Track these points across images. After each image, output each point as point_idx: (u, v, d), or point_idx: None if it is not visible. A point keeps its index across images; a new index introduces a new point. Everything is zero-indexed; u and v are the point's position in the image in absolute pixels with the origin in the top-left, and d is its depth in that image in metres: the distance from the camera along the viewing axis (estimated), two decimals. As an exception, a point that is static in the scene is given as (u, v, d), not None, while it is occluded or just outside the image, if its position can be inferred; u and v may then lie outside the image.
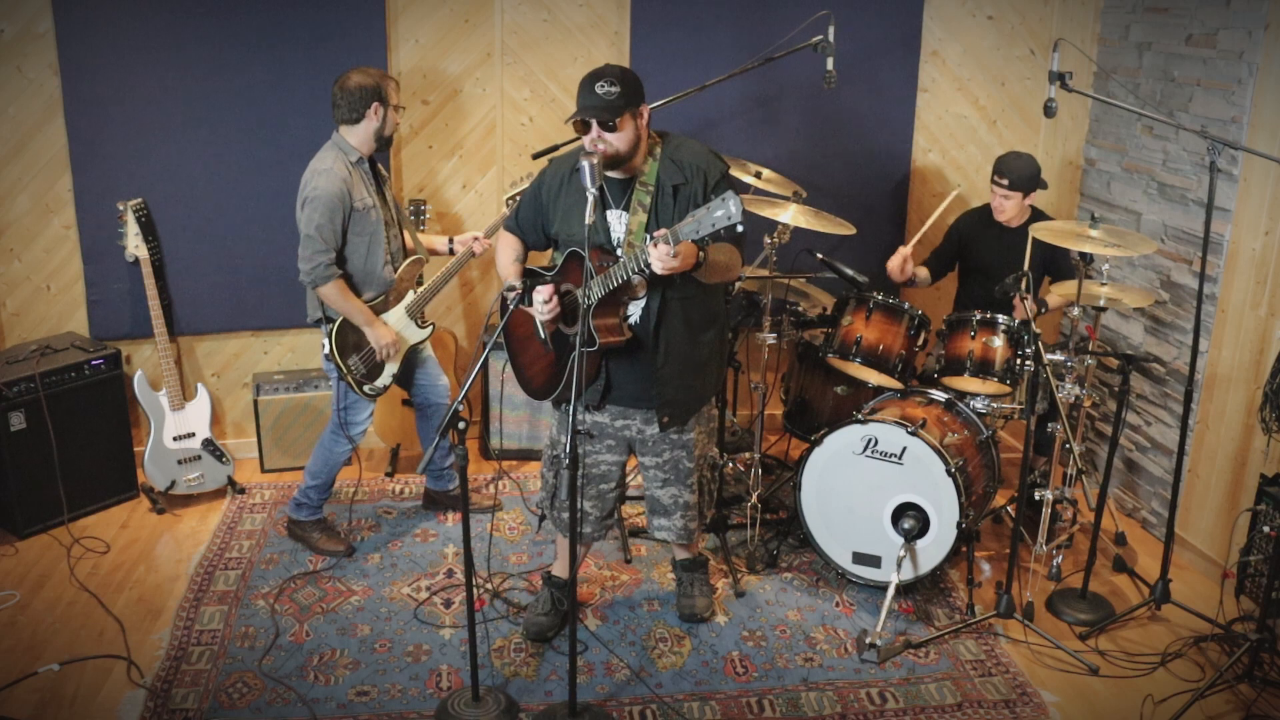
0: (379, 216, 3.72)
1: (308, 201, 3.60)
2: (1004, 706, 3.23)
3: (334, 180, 3.58)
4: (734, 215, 2.67)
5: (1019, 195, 4.05)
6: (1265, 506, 3.56)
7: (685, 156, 3.08)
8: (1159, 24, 4.21)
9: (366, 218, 3.68)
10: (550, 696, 3.22)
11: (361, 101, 3.63)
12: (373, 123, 3.67)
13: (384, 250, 3.74)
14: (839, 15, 3.97)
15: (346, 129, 3.68)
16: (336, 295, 3.65)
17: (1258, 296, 3.74)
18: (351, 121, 3.66)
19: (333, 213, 3.58)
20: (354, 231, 3.66)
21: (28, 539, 4.02)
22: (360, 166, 3.70)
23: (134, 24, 4.09)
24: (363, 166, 3.71)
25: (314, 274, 3.61)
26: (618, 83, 2.93)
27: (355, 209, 3.64)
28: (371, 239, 3.70)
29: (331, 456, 3.92)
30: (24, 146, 4.14)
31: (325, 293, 3.65)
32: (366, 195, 3.69)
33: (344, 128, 3.68)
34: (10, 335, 4.33)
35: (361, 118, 3.65)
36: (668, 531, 3.43)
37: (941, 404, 3.92)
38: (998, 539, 4.20)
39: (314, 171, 3.63)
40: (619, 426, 3.28)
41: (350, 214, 3.63)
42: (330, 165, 3.62)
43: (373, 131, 3.68)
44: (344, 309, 3.68)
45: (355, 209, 3.64)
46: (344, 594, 3.72)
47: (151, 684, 3.21)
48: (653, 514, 3.44)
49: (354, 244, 3.68)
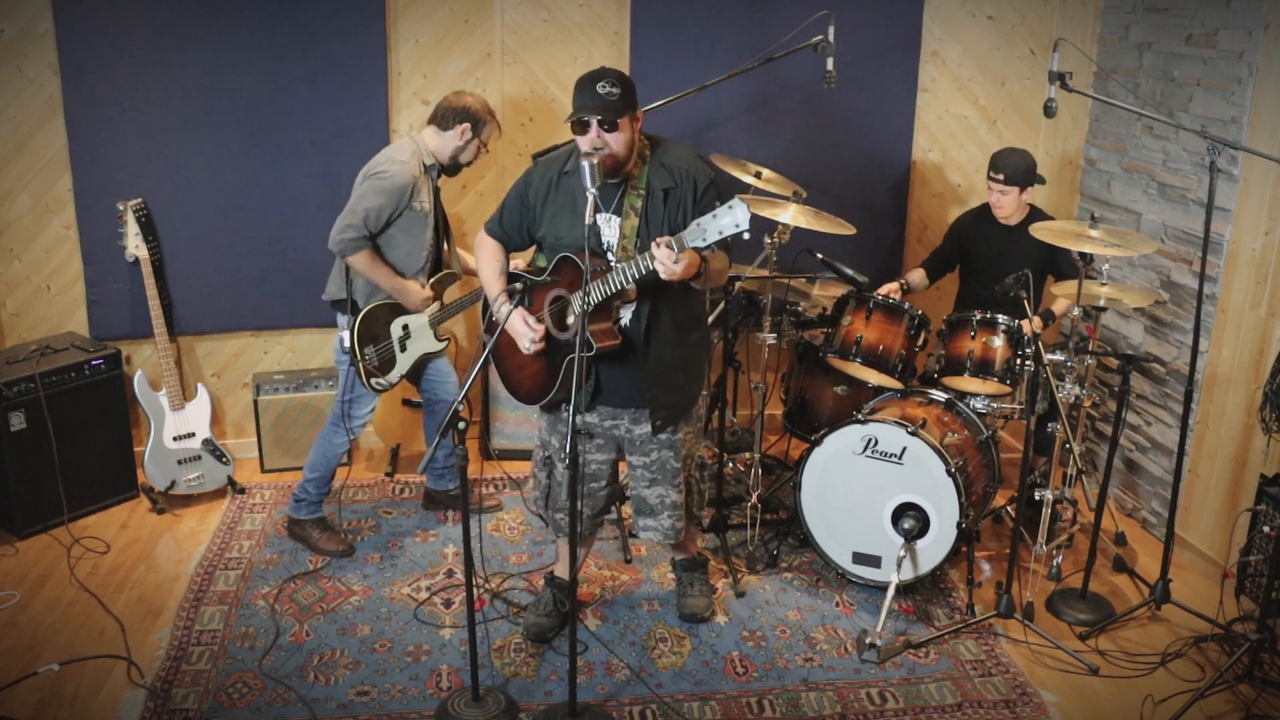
0: (428, 223, 3.76)
1: (372, 178, 3.63)
2: (1004, 706, 3.23)
3: (406, 173, 3.64)
4: (742, 223, 2.66)
5: (1015, 190, 4.06)
6: (1265, 506, 3.56)
7: (674, 161, 3.08)
8: (1159, 24, 4.21)
9: (419, 220, 3.71)
10: (550, 696, 3.22)
11: (458, 117, 3.71)
12: (455, 140, 3.73)
13: (425, 255, 3.78)
14: (839, 15, 3.97)
15: (431, 131, 3.75)
16: (366, 263, 3.67)
17: (1258, 296, 3.74)
18: (441, 127, 3.72)
19: (389, 200, 3.62)
20: (403, 229, 3.70)
21: (28, 539, 4.02)
22: (430, 173, 3.76)
23: (134, 24, 4.09)
24: (432, 173, 3.77)
25: (343, 244, 3.63)
26: (618, 84, 2.93)
27: (412, 207, 3.68)
28: (416, 242, 3.74)
29: (330, 449, 3.93)
30: (24, 146, 4.14)
31: (355, 260, 3.67)
32: (426, 200, 3.73)
33: (430, 128, 3.75)
34: (10, 335, 4.33)
35: (449, 129, 3.72)
36: (654, 531, 3.41)
37: (941, 404, 3.92)
38: (998, 539, 4.20)
39: (389, 158, 3.68)
40: (608, 426, 3.29)
41: (405, 210, 3.67)
42: (407, 158, 3.67)
43: (453, 147, 3.75)
44: (373, 275, 3.71)
45: (412, 207, 3.68)
46: (344, 594, 3.72)
47: (151, 684, 3.21)
48: (639, 514, 3.43)
49: (400, 241, 3.71)
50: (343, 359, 3.81)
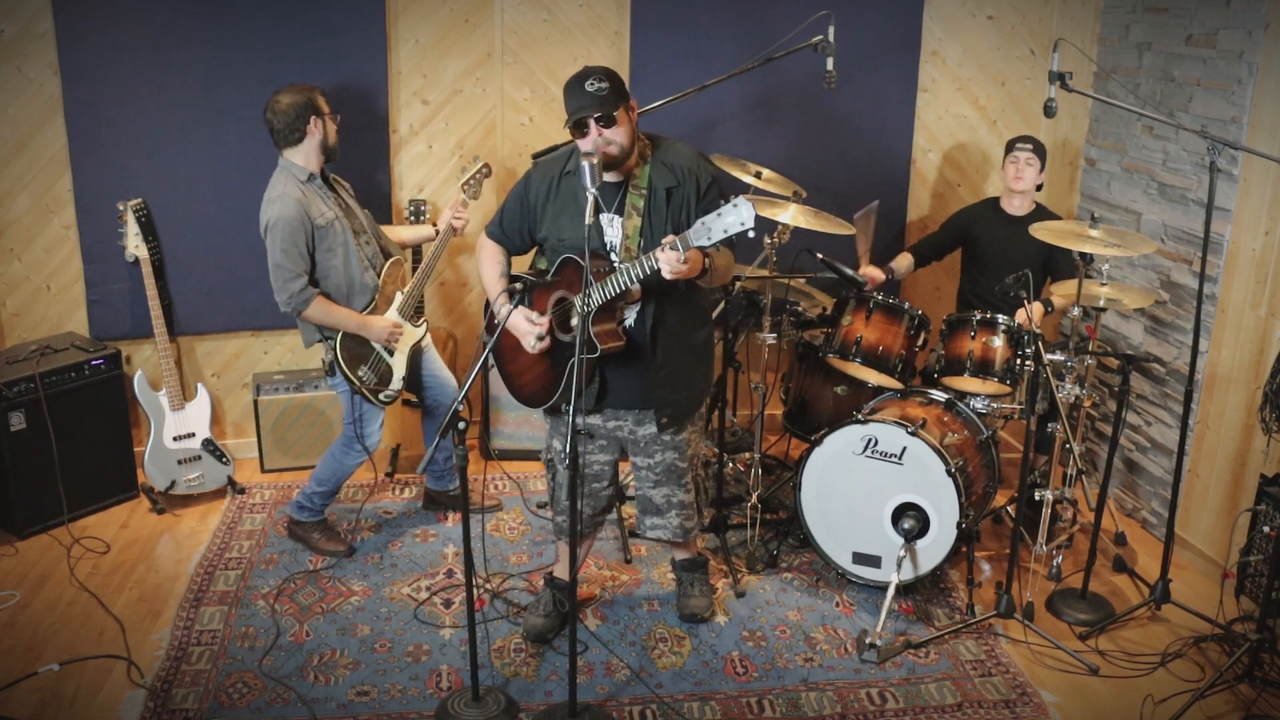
0: (344, 227, 3.70)
1: (268, 231, 3.60)
2: (1004, 706, 3.23)
3: (288, 204, 3.57)
4: (747, 221, 2.66)
5: (1039, 163, 4.13)
6: (1265, 506, 3.56)
7: (676, 160, 3.08)
8: (1159, 24, 4.21)
9: (331, 231, 3.66)
10: (550, 696, 3.22)
11: (299, 119, 3.61)
12: (315, 137, 3.65)
13: (360, 258, 3.73)
14: (839, 15, 3.97)
15: (290, 151, 3.67)
16: (321, 312, 3.66)
17: (1258, 296, 3.74)
18: (294, 142, 3.65)
19: (294, 236, 3.57)
20: (323, 248, 3.65)
21: (28, 539, 4.02)
22: (313, 183, 3.68)
23: (134, 24, 4.09)
24: (315, 183, 3.69)
25: (292, 301, 3.62)
26: (605, 79, 2.93)
27: (317, 226, 3.62)
28: (345, 250, 3.69)
29: (341, 467, 3.92)
30: (24, 146, 4.14)
31: (311, 314, 3.65)
32: (326, 210, 3.67)
33: (288, 150, 3.67)
34: (10, 335, 4.33)
35: (303, 136, 3.63)
36: (663, 529, 3.42)
37: (941, 404, 3.92)
38: (998, 539, 4.20)
39: (267, 201, 3.63)
40: (611, 428, 3.28)
41: (314, 232, 3.62)
42: (281, 190, 3.60)
43: (317, 146, 3.67)
44: (334, 321, 3.69)
45: (317, 226, 3.62)
46: (344, 594, 3.72)
47: (151, 684, 3.21)
48: (644, 513, 3.43)
49: (327, 260, 3.67)
50: (338, 385, 3.80)
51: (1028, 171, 4.13)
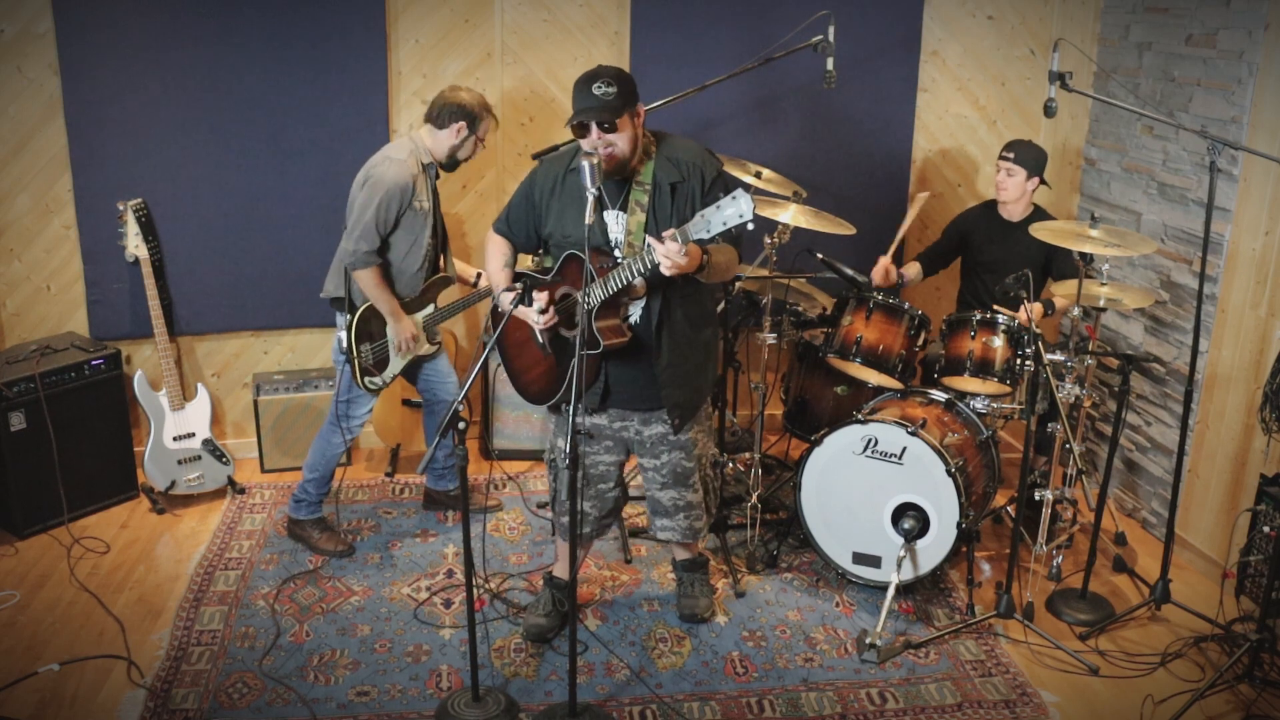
0: (427, 223, 3.75)
1: (371, 183, 3.62)
2: (1004, 707, 3.23)
3: (404, 171, 3.61)
4: (746, 213, 2.64)
5: (1023, 173, 4.07)
6: (1265, 506, 3.56)
7: (681, 155, 3.07)
8: (1159, 24, 4.21)
9: (419, 218, 3.70)
10: (550, 696, 3.22)
11: (454, 115, 3.67)
12: (452, 138, 3.70)
13: (423, 255, 3.77)
14: (839, 15, 3.97)
15: (428, 130, 3.72)
16: (371, 281, 3.67)
17: (1258, 296, 3.74)
18: (437, 125, 3.69)
19: (391, 200, 3.61)
20: (404, 227, 3.69)
21: (28, 539, 4.02)
22: (428, 171, 3.74)
23: (134, 24, 4.09)
24: (430, 172, 3.75)
25: (356, 256, 3.63)
26: (614, 83, 2.91)
27: (413, 206, 3.67)
28: (416, 241, 3.73)
29: (328, 449, 3.92)
30: (24, 146, 4.14)
31: (361, 276, 3.66)
32: (425, 199, 3.72)
33: (427, 127, 3.72)
34: (10, 335, 4.33)
35: (445, 127, 3.68)
36: (671, 531, 3.42)
37: (941, 404, 3.92)
38: (998, 539, 4.20)
39: (386, 157, 3.66)
40: (617, 428, 3.28)
41: (406, 209, 3.66)
42: (405, 156, 3.65)
43: (448, 145, 3.72)
44: (374, 295, 3.70)
45: (413, 206, 3.67)
46: (344, 594, 3.72)
47: (151, 684, 3.21)
48: (655, 515, 3.43)
49: (400, 239, 3.70)
50: (340, 358, 3.81)
51: (1009, 182, 4.10)
